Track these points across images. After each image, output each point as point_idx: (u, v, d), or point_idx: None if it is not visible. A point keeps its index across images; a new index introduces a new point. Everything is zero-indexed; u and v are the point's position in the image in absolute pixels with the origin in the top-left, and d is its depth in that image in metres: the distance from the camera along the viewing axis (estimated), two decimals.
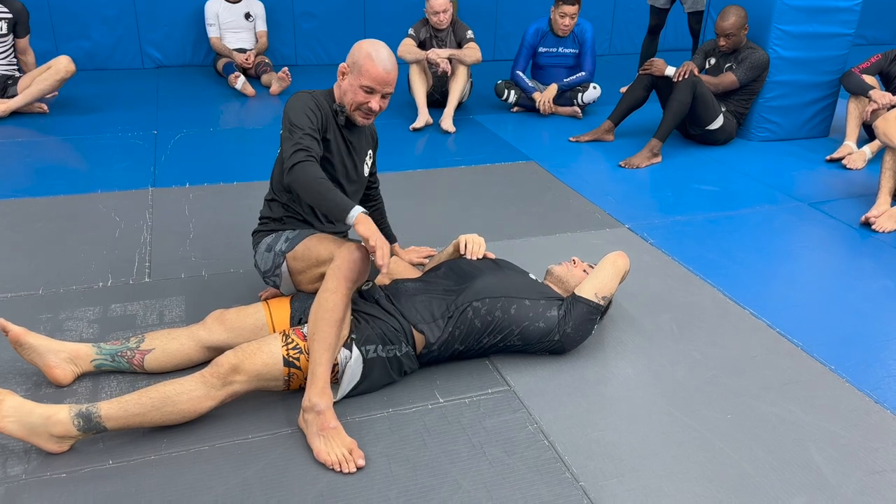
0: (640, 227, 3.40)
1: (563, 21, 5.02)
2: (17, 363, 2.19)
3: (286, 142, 2.16)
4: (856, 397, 2.23)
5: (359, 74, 2.24)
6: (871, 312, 2.73)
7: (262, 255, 2.33)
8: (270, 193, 2.44)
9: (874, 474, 1.92)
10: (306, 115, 2.20)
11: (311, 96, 2.27)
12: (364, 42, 2.28)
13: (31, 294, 2.61)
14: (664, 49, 7.10)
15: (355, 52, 2.26)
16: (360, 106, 2.29)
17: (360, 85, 2.24)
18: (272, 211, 2.41)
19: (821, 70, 4.71)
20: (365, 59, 2.23)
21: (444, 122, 4.82)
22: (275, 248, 2.29)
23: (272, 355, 1.98)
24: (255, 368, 1.95)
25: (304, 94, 2.28)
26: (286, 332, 2.05)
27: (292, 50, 6.65)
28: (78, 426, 1.82)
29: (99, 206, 3.39)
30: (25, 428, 1.80)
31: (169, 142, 4.39)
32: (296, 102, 2.24)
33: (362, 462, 1.86)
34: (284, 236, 2.30)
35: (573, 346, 2.32)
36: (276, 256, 2.28)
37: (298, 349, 2.00)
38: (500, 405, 2.12)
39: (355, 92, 2.26)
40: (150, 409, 1.86)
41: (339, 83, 2.33)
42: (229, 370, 1.92)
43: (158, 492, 1.76)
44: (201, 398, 1.90)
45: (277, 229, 2.37)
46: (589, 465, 1.90)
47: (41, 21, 5.84)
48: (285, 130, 2.20)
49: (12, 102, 4.64)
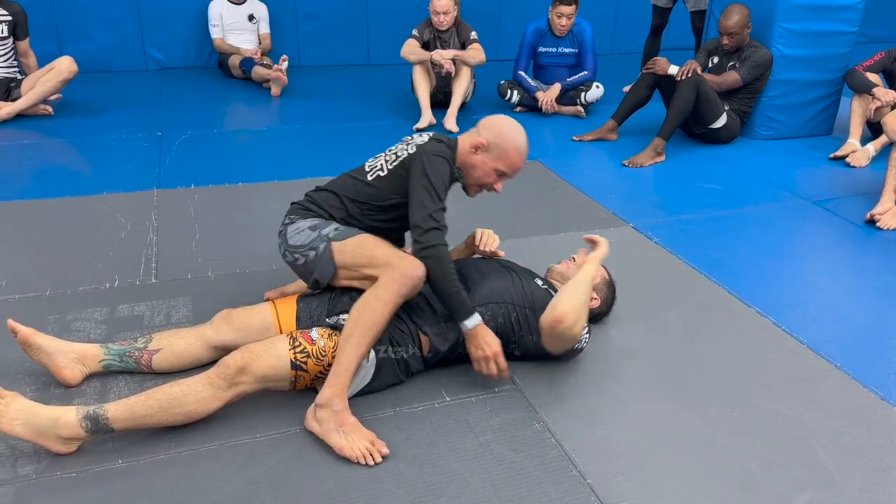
0: (644, 226, 3.40)
1: (561, 21, 5.03)
2: (26, 364, 2.20)
3: (424, 203, 2.07)
4: (861, 394, 2.24)
5: (498, 158, 2.21)
6: (876, 310, 2.74)
7: (301, 231, 2.20)
8: (336, 195, 2.28)
9: (880, 471, 1.92)
10: (445, 185, 2.13)
11: (449, 160, 2.19)
12: (510, 127, 2.22)
13: (38, 295, 2.62)
14: (667, 48, 7.08)
15: (500, 137, 2.21)
16: (485, 185, 2.27)
17: (496, 169, 2.22)
18: (327, 205, 2.27)
19: (824, 68, 4.71)
20: (511, 150, 2.20)
21: (447, 123, 4.82)
22: (321, 230, 2.18)
23: (280, 358, 1.98)
24: (261, 370, 1.95)
25: (446, 152, 2.18)
26: (293, 336, 2.04)
27: (295, 51, 6.65)
28: (85, 428, 1.83)
29: (104, 208, 3.40)
30: (33, 430, 1.81)
31: (173, 143, 4.40)
32: (440, 165, 2.13)
33: (386, 451, 1.88)
34: (334, 225, 2.20)
35: (573, 355, 2.29)
36: (319, 238, 2.16)
37: (306, 353, 2.00)
38: (506, 404, 2.13)
39: (487, 173, 2.23)
40: (157, 410, 1.87)
41: (468, 149, 2.23)
42: (236, 371, 1.92)
43: (168, 491, 1.77)
44: (208, 399, 1.91)
45: (325, 217, 2.25)
46: (596, 463, 1.91)
47: (44, 23, 5.86)
48: (424, 186, 2.09)
49: (16, 105, 4.65)
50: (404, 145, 2.28)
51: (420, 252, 2.06)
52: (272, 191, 3.68)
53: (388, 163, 2.25)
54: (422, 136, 2.29)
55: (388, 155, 2.29)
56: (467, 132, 2.32)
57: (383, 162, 2.27)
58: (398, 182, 2.20)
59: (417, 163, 2.14)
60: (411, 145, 2.25)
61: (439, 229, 2.07)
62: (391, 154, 2.28)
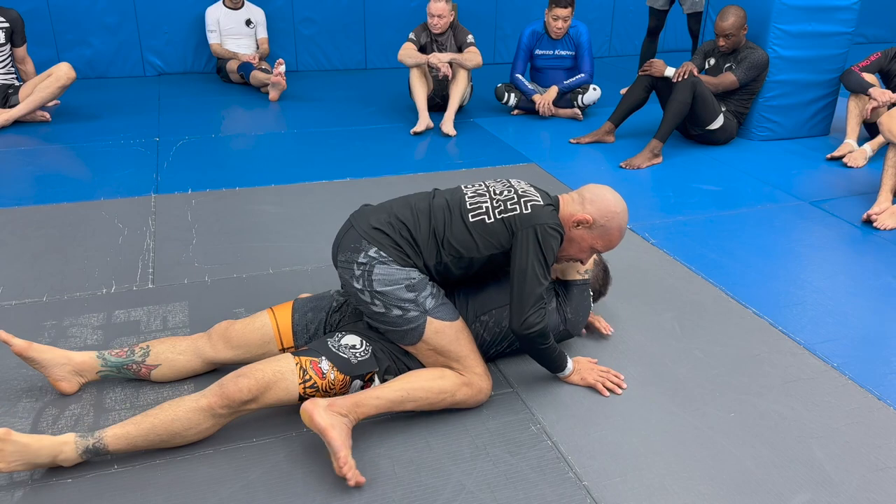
0: (642, 228, 3.40)
1: (556, 24, 5.05)
2: (23, 369, 2.20)
3: (535, 289, 1.98)
4: (858, 394, 2.23)
5: (599, 238, 2.12)
6: (873, 310, 2.74)
7: (394, 282, 2.00)
8: (435, 236, 2.07)
9: (877, 471, 1.92)
10: (551, 263, 2.05)
11: (562, 235, 2.08)
12: (618, 207, 2.11)
13: (35, 301, 2.62)
14: (664, 50, 7.11)
15: (607, 217, 2.10)
16: (573, 259, 2.23)
17: (593, 246, 2.15)
18: (419, 242, 2.07)
19: (820, 69, 4.72)
20: (616, 232, 2.12)
21: (444, 126, 4.83)
22: (419, 293, 2.01)
23: (288, 392, 1.93)
24: (268, 402, 1.92)
25: (560, 226, 2.06)
26: (303, 366, 1.96)
27: (293, 56, 6.67)
28: (85, 458, 1.83)
29: (102, 213, 3.40)
30: (33, 466, 1.80)
31: (171, 148, 4.41)
32: (554, 241, 2.03)
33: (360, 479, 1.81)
34: (429, 291, 2.04)
35: (578, 329, 2.32)
36: (414, 304, 2.01)
37: (315, 387, 1.96)
38: (503, 407, 2.13)
39: (582, 249, 2.16)
40: (157, 443, 1.86)
41: (569, 221, 2.11)
42: (241, 403, 1.88)
43: (164, 495, 1.77)
44: (210, 428, 1.90)
45: (405, 264, 2.04)
46: (592, 465, 1.91)
47: (42, 30, 5.88)
48: (536, 268, 1.99)
49: (14, 112, 4.66)
50: (510, 192, 2.11)
51: (520, 326, 1.99)
52: (269, 195, 3.68)
53: (496, 210, 2.08)
54: (524, 187, 2.14)
55: (494, 199, 2.10)
56: (569, 197, 2.17)
57: (489, 206, 2.09)
58: (501, 237, 2.06)
59: (531, 234, 2.00)
60: (523, 200, 2.07)
61: (543, 308, 2.01)
62: (498, 200, 2.10)
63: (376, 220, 2.09)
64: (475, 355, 2.09)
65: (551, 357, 2.12)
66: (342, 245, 2.10)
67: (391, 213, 2.11)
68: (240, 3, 6.05)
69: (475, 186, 2.19)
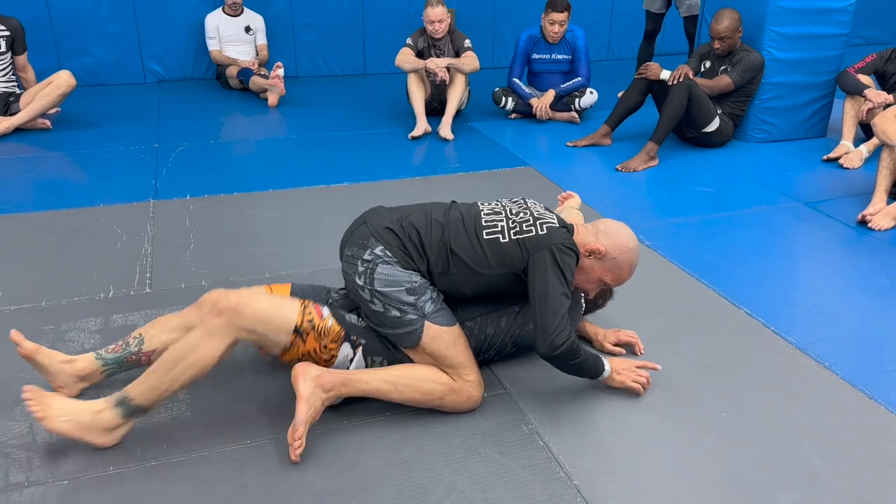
0: (638, 230, 3.40)
1: (553, 28, 5.07)
2: (22, 373, 2.22)
3: (557, 308, 1.97)
4: (850, 394, 2.24)
5: (609, 271, 2.14)
6: (866, 310, 2.75)
7: (396, 283, 2.03)
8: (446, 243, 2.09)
9: (868, 469, 1.93)
10: (571, 281, 2.04)
11: (577, 253, 2.09)
12: (631, 243, 2.13)
13: (34, 306, 2.65)
14: (661, 53, 7.12)
15: (619, 251, 2.11)
16: (579, 289, 2.23)
17: (601, 279, 2.16)
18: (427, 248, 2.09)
19: (816, 71, 4.73)
20: (626, 267, 2.14)
21: (442, 130, 4.85)
22: (419, 297, 2.04)
23: (285, 317, 1.96)
24: (263, 313, 1.92)
25: (574, 245, 2.08)
26: (306, 304, 2.03)
27: (292, 61, 6.70)
28: (121, 414, 1.88)
29: (101, 219, 3.43)
30: (78, 426, 1.86)
31: (170, 154, 4.44)
32: (571, 260, 2.04)
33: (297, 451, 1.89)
34: (429, 295, 2.06)
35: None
36: (414, 308, 2.03)
37: (312, 324, 2.00)
38: (495, 407, 2.14)
39: (591, 280, 2.17)
40: (168, 372, 1.88)
41: (583, 249, 2.12)
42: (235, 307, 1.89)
43: (158, 497, 1.79)
44: (218, 348, 1.89)
45: (408, 266, 2.07)
46: (583, 464, 1.92)
47: (43, 38, 5.92)
48: (558, 278, 1.99)
49: (15, 119, 4.70)
50: (526, 214, 2.14)
51: (556, 355, 1.98)
52: (267, 200, 3.71)
53: (511, 230, 2.09)
54: (540, 210, 2.17)
55: (510, 219, 2.13)
56: (584, 227, 2.20)
57: (505, 225, 2.11)
58: (514, 258, 2.07)
59: (547, 255, 2.02)
60: (538, 223, 2.09)
61: (568, 325, 1.99)
62: (514, 220, 2.12)
63: (389, 220, 2.13)
64: (471, 362, 2.10)
65: (585, 368, 2.09)
66: (351, 239, 2.14)
67: (405, 216, 2.15)
68: (239, 10, 6.09)
69: (492, 204, 2.23)
